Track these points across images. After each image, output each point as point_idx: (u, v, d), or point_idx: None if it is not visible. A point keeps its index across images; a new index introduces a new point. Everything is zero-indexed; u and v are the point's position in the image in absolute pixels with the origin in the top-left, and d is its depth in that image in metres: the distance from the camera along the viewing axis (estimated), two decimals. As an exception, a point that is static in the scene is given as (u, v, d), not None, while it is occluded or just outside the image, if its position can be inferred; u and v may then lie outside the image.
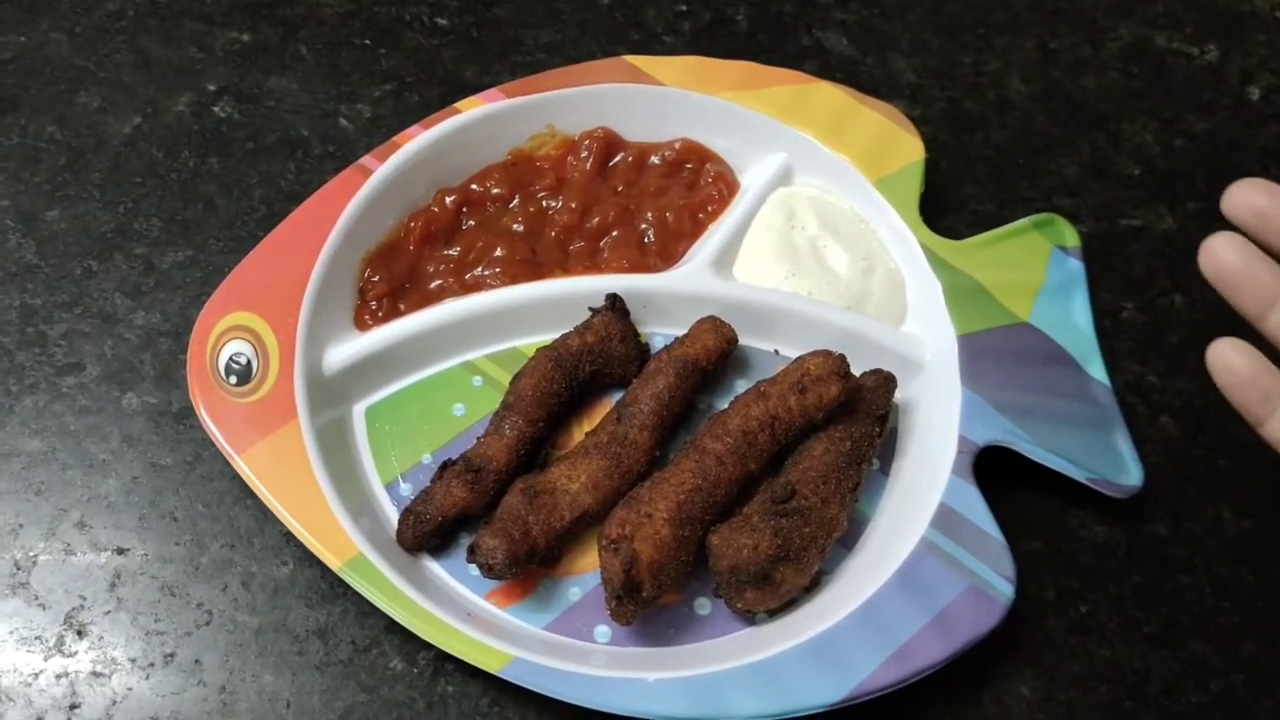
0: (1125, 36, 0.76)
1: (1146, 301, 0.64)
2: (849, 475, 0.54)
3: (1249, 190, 0.47)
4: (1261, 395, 0.46)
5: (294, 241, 0.60)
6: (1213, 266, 0.47)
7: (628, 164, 0.66)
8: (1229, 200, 0.48)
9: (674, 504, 0.51)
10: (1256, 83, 0.74)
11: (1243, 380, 0.46)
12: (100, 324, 0.62)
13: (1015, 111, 0.72)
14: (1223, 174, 0.51)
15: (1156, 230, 0.67)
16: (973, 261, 0.61)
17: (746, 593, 0.51)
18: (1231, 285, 0.47)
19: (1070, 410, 0.57)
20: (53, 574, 0.55)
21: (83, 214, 0.66)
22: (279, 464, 0.54)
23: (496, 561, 0.51)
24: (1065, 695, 0.52)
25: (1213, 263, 0.47)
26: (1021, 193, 0.69)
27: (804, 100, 0.66)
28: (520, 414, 0.56)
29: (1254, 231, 0.47)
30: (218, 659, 0.53)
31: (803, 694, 0.49)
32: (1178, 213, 0.68)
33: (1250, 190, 0.47)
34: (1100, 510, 0.57)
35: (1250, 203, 0.47)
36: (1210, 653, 0.54)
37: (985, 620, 0.51)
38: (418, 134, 0.63)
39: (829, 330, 0.60)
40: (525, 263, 0.62)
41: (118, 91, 0.71)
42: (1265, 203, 0.47)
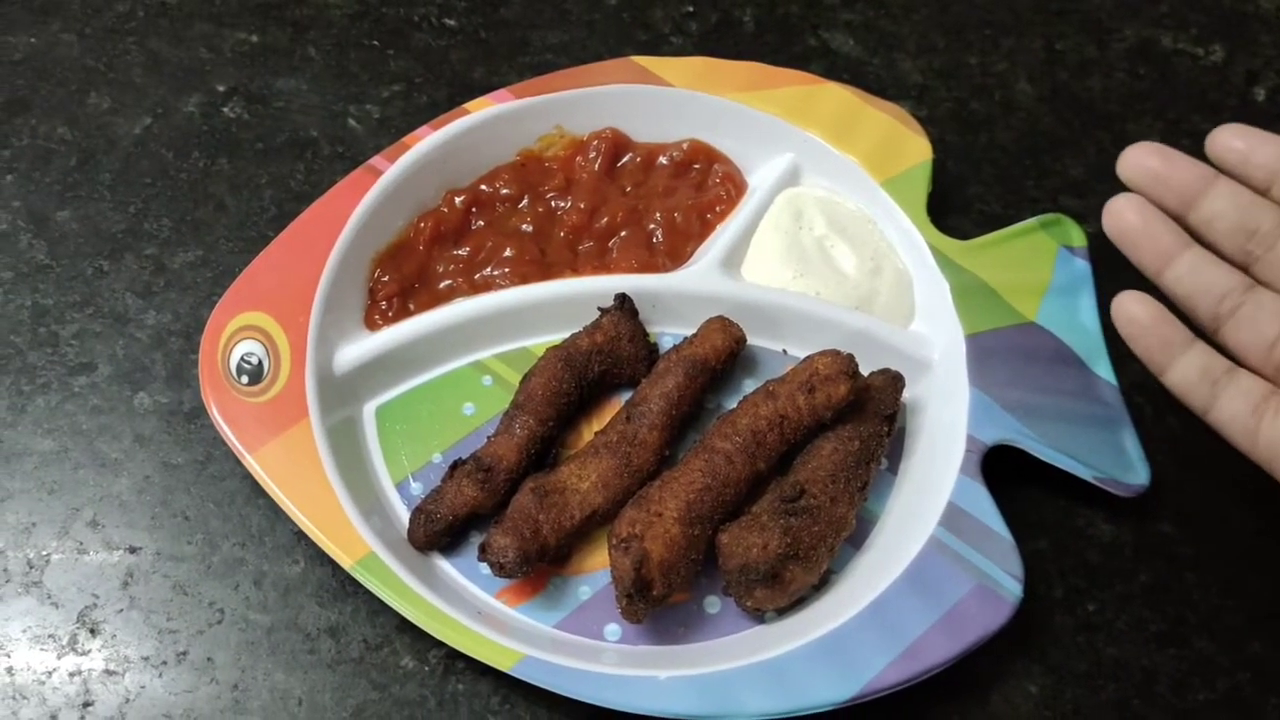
0: (1131, 37, 0.76)
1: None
2: (858, 474, 0.54)
3: (1144, 153, 0.51)
4: (1162, 343, 0.49)
5: (304, 242, 0.60)
6: (1115, 226, 0.51)
7: (636, 164, 0.67)
8: (1125, 164, 0.51)
9: (684, 503, 0.52)
10: (1262, 83, 0.74)
11: (1144, 329, 0.50)
12: (111, 324, 0.62)
13: (1021, 112, 0.73)
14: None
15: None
16: (980, 261, 0.61)
17: (756, 591, 0.51)
18: (1132, 243, 0.51)
19: (1077, 410, 0.57)
20: (65, 573, 0.55)
21: (93, 214, 0.66)
22: (290, 463, 0.54)
23: (508, 560, 0.51)
24: (1073, 693, 0.53)
25: (1115, 222, 0.51)
26: (1028, 193, 0.69)
27: (811, 101, 0.66)
28: (530, 413, 0.56)
29: (1150, 193, 0.51)
30: (230, 657, 0.53)
31: (812, 692, 0.49)
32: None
33: (1145, 153, 0.51)
34: (1107, 509, 0.57)
35: (1146, 165, 0.51)
36: (1217, 651, 0.54)
37: (994, 619, 0.51)
38: (427, 135, 0.64)
39: (837, 330, 0.60)
40: (534, 263, 0.63)
41: (128, 92, 0.72)
42: (1159, 165, 0.50)
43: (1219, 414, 0.49)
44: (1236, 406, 0.48)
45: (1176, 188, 0.50)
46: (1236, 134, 0.50)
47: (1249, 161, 0.50)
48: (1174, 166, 0.50)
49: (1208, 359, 0.49)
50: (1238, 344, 0.49)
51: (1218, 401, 0.49)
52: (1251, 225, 0.49)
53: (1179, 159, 0.51)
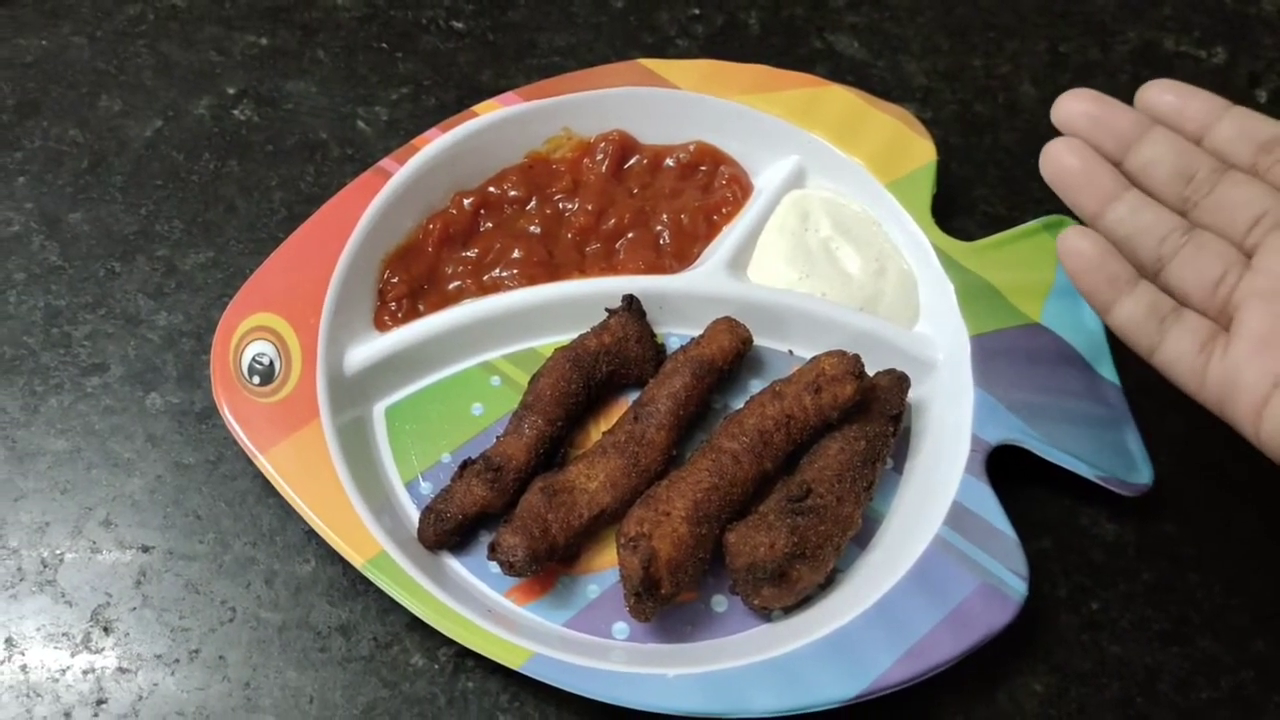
0: (1134, 40, 0.77)
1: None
2: (864, 474, 0.54)
3: (1080, 99, 0.51)
4: (1109, 279, 0.48)
5: (315, 243, 0.61)
6: (1053, 169, 0.50)
7: (643, 166, 0.67)
8: (1060, 110, 0.51)
9: (691, 502, 0.52)
10: (1264, 85, 0.75)
11: (1091, 264, 0.48)
12: (123, 325, 0.63)
13: (1025, 114, 0.73)
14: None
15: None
16: (984, 262, 0.62)
17: (763, 590, 0.51)
18: (1072, 187, 0.50)
19: (1081, 410, 0.58)
20: (79, 572, 0.56)
21: (105, 216, 0.67)
22: (301, 463, 0.55)
23: (517, 559, 0.52)
24: (1077, 692, 0.53)
25: (1053, 165, 0.50)
26: (1032, 194, 0.69)
27: (816, 103, 0.66)
28: (539, 413, 0.56)
29: (1087, 137, 0.50)
30: (241, 655, 0.54)
31: (818, 690, 0.49)
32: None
33: (1081, 99, 0.51)
34: (1111, 509, 0.57)
35: (1082, 109, 0.50)
36: (1221, 650, 0.54)
37: (998, 617, 0.51)
38: (436, 137, 0.64)
39: (842, 331, 0.61)
40: (542, 264, 0.63)
41: (139, 95, 0.72)
42: (1096, 109, 0.50)
43: (1165, 354, 0.48)
44: (1184, 345, 0.47)
45: (1114, 132, 0.50)
46: (1167, 88, 0.50)
47: (1182, 114, 0.50)
48: (1111, 111, 0.50)
49: (1155, 296, 0.48)
50: (1181, 283, 0.48)
51: (1165, 341, 0.48)
52: (1189, 170, 0.49)
53: (1115, 105, 0.50)
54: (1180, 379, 0.48)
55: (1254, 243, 0.47)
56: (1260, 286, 0.46)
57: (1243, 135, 0.49)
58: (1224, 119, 0.50)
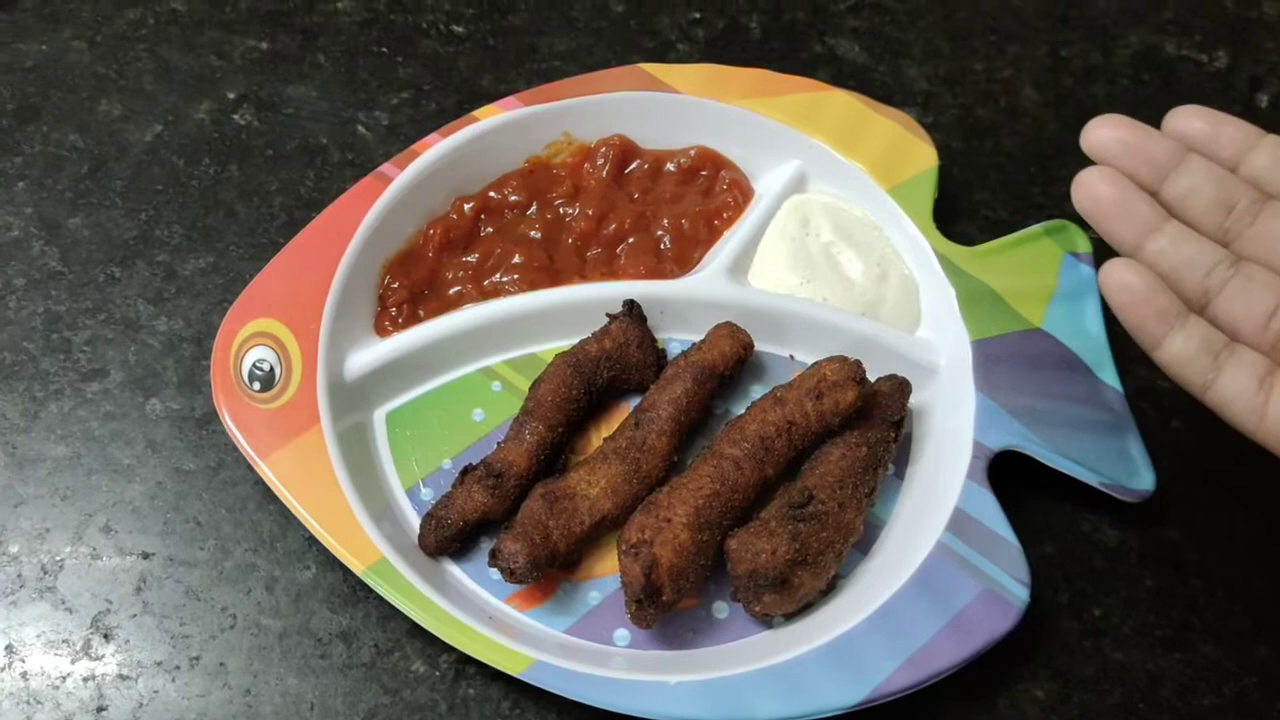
0: (1135, 44, 0.77)
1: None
2: (865, 480, 0.54)
3: (1114, 125, 0.48)
4: (1158, 313, 0.46)
5: (315, 248, 0.61)
6: (1088, 199, 0.47)
7: (643, 171, 0.67)
8: (1092, 136, 0.48)
9: (692, 509, 0.52)
10: (1265, 89, 0.75)
11: (1139, 298, 0.46)
12: (124, 330, 0.63)
13: (1027, 119, 0.73)
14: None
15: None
16: (986, 267, 0.61)
17: (764, 597, 0.51)
18: (1109, 217, 0.47)
19: (1083, 416, 0.58)
20: (79, 578, 0.56)
21: (105, 221, 0.67)
22: (302, 469, 0.55)
23: (518, 566, 0.52)
24: (1079, 698, 0.53)
25: (1087, 195, 0.47)
26: (1033, 199, 0.69)
27: (818, 108, 0.66)
28: (540, 419, 0.56)
29: (1121, 166, 0.48)
30: (242, 662, 0.54)
31: (821, 697, 0.49)
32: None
33: (1115, 125, 0.48)
34: (1113, 514, 0.57)
35: (1117, 136, 0.47)
36: (1223, 656, 0.54)
37: (1000, 623, 0.51)
38: (437, 142, 0.64)
39: (844, 336, 0.60)
40: (543, 269, 0.63)
41: (139, 100, 0.72)
42: (1131, 136, 0.47)
43: (1221, 391, 0.45)
44: (1241, 382, 0.45)
45: (1149, 160, 0.47)
46: (1197, 114, 0.48)
47: (1216, 140, 0.48)
48: (1145, 138, 0.48)
49: (1207, 330, 0.46)
50: (1230, 318, 0.46)
51: (1220, 377, 0.45)
52: (1229, 200, 0.47)
53: (1151, 132, 0.48)
54: (1236, 417, 0.46)
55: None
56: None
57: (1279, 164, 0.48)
58: (1259, 147, 0.48)
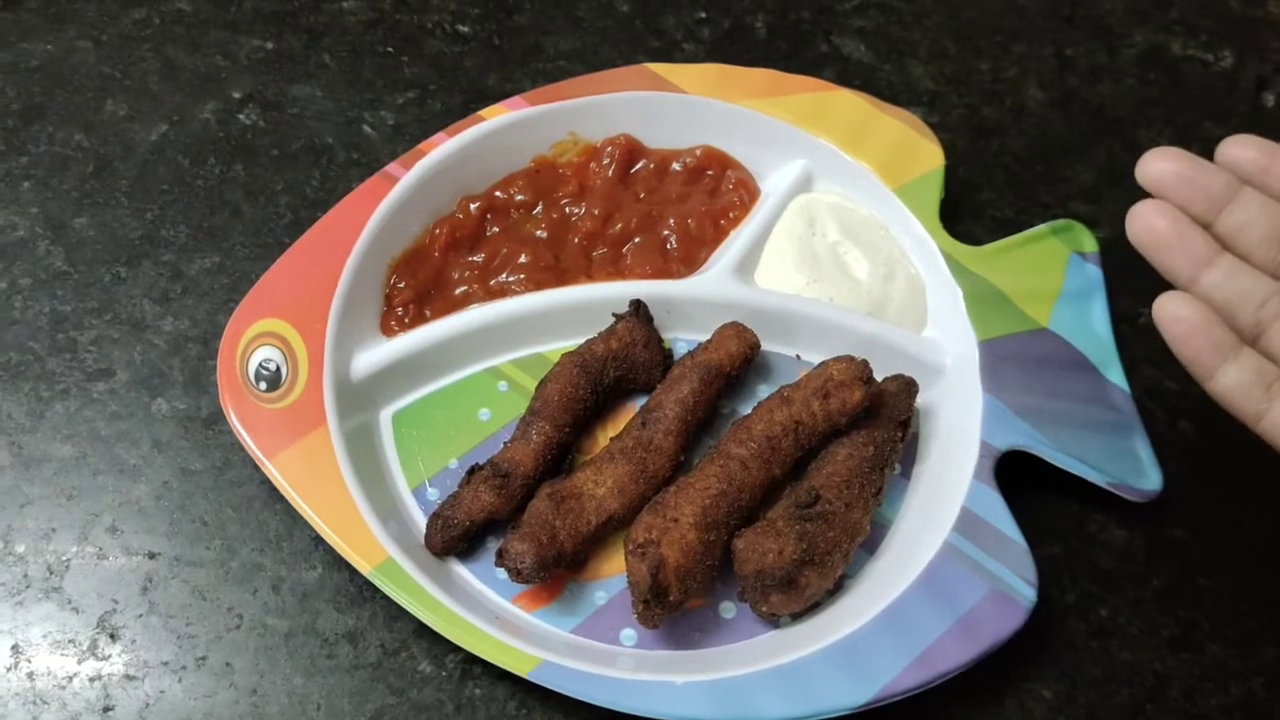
0: (1141, 43, 0.77)
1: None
2: (872, 480, 0.54)
3: (1169, 158, 0.48)
4: (1212, 346, 0.46)
5: (321, 248, 0.61)
6: (1145, 231, 0.48)
7: (649, 171, 0.67)
8: (1148, 169, 0.48)
9: (699, 509, 0.52)
10: (1271, 88, 0.74)
11: (1194, 330, 0.46)
12: (129, 330, 0.63)
13: (1033, 118, 0.73)
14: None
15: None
16: (992, 267, 0.61)
17: (771, 596, 0.51)
18: (1164, 250, 0.48)
19: (1090, 415, 0.58)
20: (85, 578, 0.56)
21: (110, 221, 0.67)
22: (309, 469, 0.55)
23: (525, 566, 0.52)
24: (1086, 698, 0.53)
25: (1144, 228, 0.48)
26: (1040, 199, 0.69)
27: (824, 108, 0.66)
28: (546, 419, 0.56)
29: (1176, 198, 0.48)
30: (248, 662, 0.54)
31: (828, 697, 0.49)
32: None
33: (1170, 158, 0.48)
34: (1120, 514, 0.57)
35: (1173, 169, 0.48)
36: (1230, 656, 0.54)
37: (1008, 623, 0.51)
38: (443, 141, 0.64)
39: (850, 336, 0.60)
40: (549, 269, 0.63)
41: (144, 99, 0.72)
42: (1188, 169, 0.48)
43: (1274, 420, 0.46)
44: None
45: (1205, 193, 0.48)
46: (1249, 144, 0.49)
47: (1269, 171, 0.48)
48: (1202, 172, 0.48)
49: (1260, 362, 0.46)
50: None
51: (1274, 408, 0.46)
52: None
53: (1205, 164, 0.48)
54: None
55: None
56: None
57: None
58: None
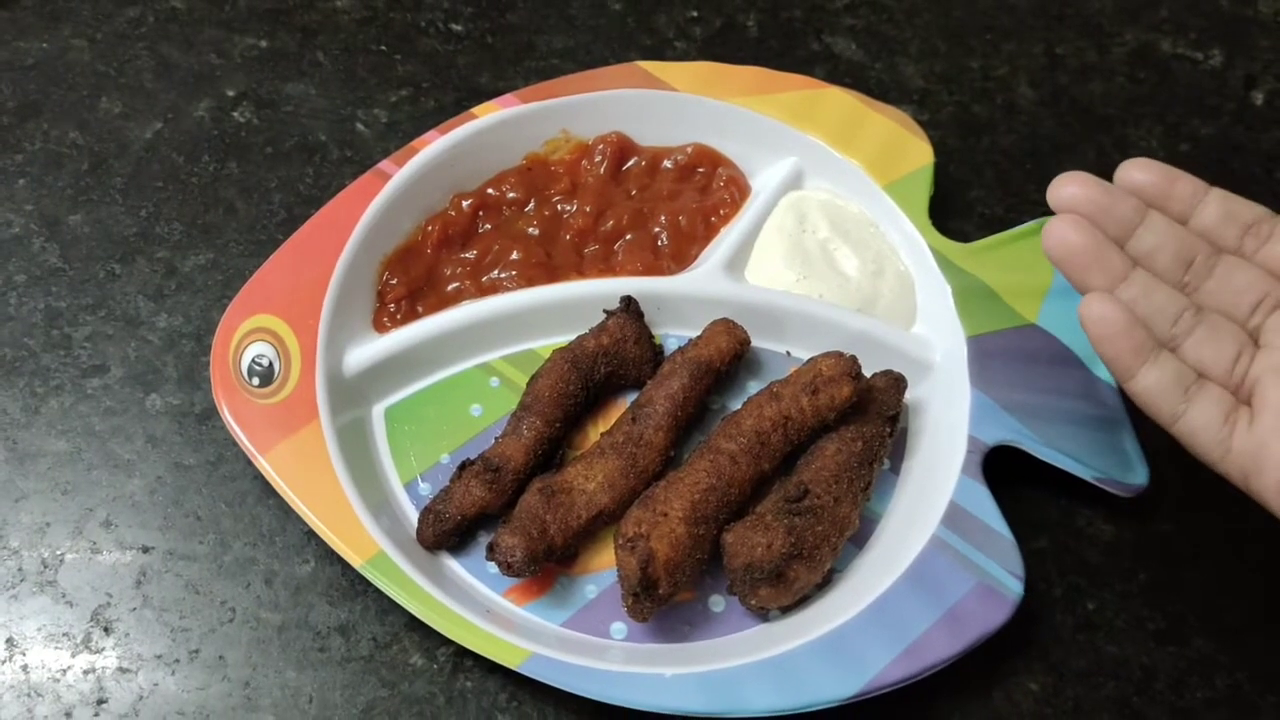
0: (1130, 42, 0.77)
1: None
2: (861, 474, 0.54)
3: (1082, 183, 0.50)
4: (1134, 347, 0.47)
5: (314, 245, 0.61)
6: (1060, 246, 0.49)
7: (641, 168, 0.67)
8: (1059, 194, 0.50)
9: (689, 503, 0.52)
10: (1260, 87, 0.75)
11: (1118, 331, 0.47)
12: (124, 326, 0.63)
13: (1022, 116, 0.73)
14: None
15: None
16: (981, 264, 0.62)
17: (760, 590, 0.52)
18: (1081, 266, 0.49)
19: (1078, 411, 0.58)
20: (79, 572, 0.56)
21: (105, 218, 0.67)
22: (301, 464, 0.55)
23: (515, 559, 0.52)
24: (1073, 691, 0.53)
25: (1060, 243, 0.49)
26: (1029, 196, 0.70)
27: (814, 105, 0.67)
28: (537, 415, 0.57)
29: (1088, 220, 0.49)
30: (241, 655, 0.54)
31: (816, 689, 0.50)
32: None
33: (1083, 183, 0.49)
34: (1107, 509, 0.58)
35: (1087, 195, 0.49)
36: (1216, 649, 0.55)
37: (995, 617, 0.51)
38: (435, 139, 0.65)
39: (840, 332, 0.61)
40: (541, 266, 0.63)
41: (139, 97, 0.72)
42: (1096, 194, 0.49)
43: (1189, 423, 0.48)
44: (1209, 416, 0.47)
45: (1115, 218, 0.49)
46: (1149, 168, 0.51)
47: (1169, 195, 0.50)
48: (1112, 197, 0.50)
49: (1179, 366, 0.48)
50: (1199, 361, 0.48)
51: (1189, 411, 0.47)
52: (1188, 255, 0.50)
53: (1115, 190, 0.50)
54: (1202, 449, 0.48)
55: (1257, 324, 0.49)
56: (1277, 363, 0.47)
57: (1228, 218, 0.50)
58: (1208, 201, 0.51)
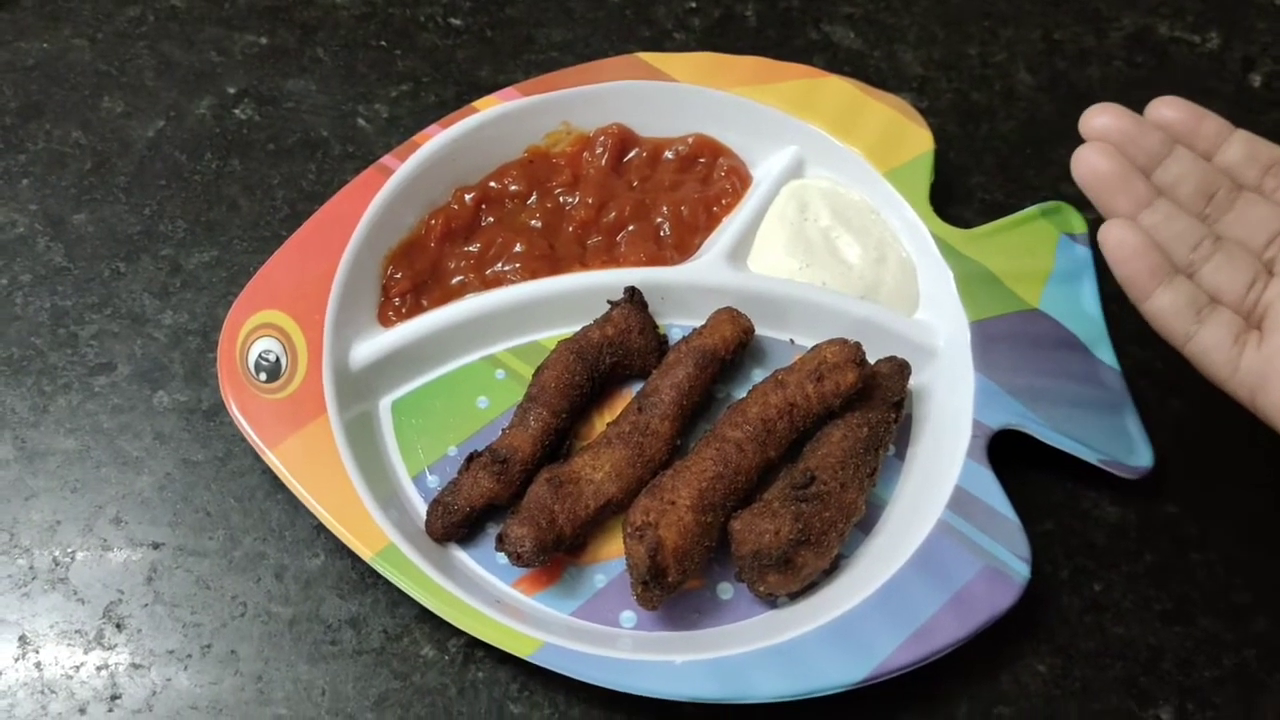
0: (1128, 26, 0.77)
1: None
2: (866, 460, 0.55)
3: (1109, 113, 0.52)
4: (1150, 269, 0.49)
5: (319, 240, 0.61)
6: (1088, 172, 0.51)
7: (642, 159, 0.68)
8: (1090, 123, 0.52)
9: (696, 491, 0.52)
10: (1258, 69, 0.75)
11: (1134, 253, 0.49)
12: (129, 324, 0.63)
13: (1021, 102, 0.74)
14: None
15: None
16: (983, 249, 0.62)
17: (768, 577, 0.52)
18: (1107, 190, 0.51)
19: (1081, 394, 0.58)
20: (90, 569, 0.56)
21: (109, 216, 0.67)
22: (310, 458, 0.55)
23: (525, 550, 0.52)
24: (1081, 672, 0.54)
25: (1087, 168, 0.51)
26: (1029, 181, 0.70)
27: (814, 94, 0.67)
28: (544, 405, 0.57)
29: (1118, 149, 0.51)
30: (253, 649, 0.54)
31: (825, 675, 0.50)
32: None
33: (1110, 113, 0.52)
34: (1112, 491, 0.58)
35: (1117, 125, 0.51)
36: (1222, 629, 0.55)
37: (1002, 600, 0.52)
38: (437, 133, 0.65)
39: (843, 319, 0.61)
40: (544, 258, 0.63)
41: (141, 96, 0.73)
42: (1126, 124, 0.51)
43: (1200, 343, 0.49)
44: (1219, 336, 0.49)
45: (1144, 149, 0.51)
46: (1178, 106, 0.52)
47: (1196, 132, 0.52)
48: (1141, 128, 0.52)
49: (1193, 290, 0.50)
50: (1214, 287, 0.50)
51: (1200, 332, 0.49)
52: (1210, 189, 0.51)
53: (1144, 121, 0.52)
54: (1211, 368, 0.49)
55: (1272, 256, 0.51)
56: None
57: (1251, 157, 0.52)
58: (1232, 141, 0.52)
